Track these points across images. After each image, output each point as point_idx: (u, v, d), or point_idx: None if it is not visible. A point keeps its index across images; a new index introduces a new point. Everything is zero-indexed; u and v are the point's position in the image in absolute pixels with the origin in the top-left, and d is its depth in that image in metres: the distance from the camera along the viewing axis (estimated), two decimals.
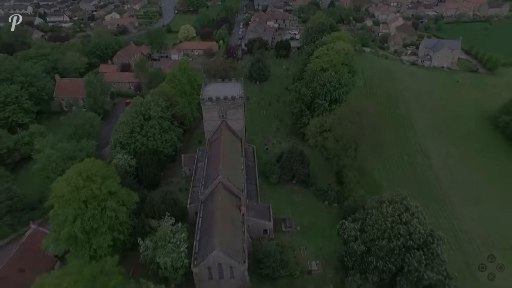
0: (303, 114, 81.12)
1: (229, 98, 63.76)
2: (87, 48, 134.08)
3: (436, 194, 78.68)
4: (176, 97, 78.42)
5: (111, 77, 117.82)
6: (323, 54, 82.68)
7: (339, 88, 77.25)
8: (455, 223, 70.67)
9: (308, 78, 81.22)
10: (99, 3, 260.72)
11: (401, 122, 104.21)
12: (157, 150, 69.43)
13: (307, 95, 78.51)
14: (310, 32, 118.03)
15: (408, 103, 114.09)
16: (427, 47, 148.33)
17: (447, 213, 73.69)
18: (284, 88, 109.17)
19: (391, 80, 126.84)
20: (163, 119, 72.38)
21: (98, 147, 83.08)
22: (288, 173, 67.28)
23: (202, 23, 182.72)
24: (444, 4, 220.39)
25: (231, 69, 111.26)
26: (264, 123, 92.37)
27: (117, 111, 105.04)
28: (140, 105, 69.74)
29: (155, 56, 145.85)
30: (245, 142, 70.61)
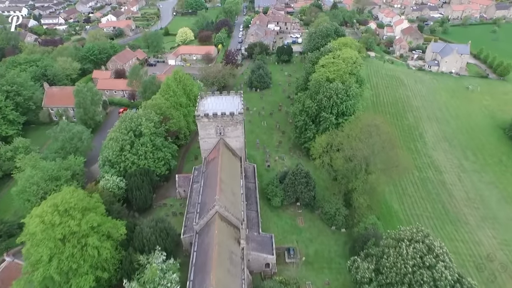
0: (308, 128, 75.31)
1: (227, 115, 58.04)
2: (80, 53, 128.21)
3: (450, 213, 72.97)
4: (171, 110, 72.72)
5: (104, 84, 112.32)
6: (329, 63, 76.94)
7: (347, 101, 71.48)
8: (473, 248, 64.81)
9: (313, 89, 75.44)
10: (96, 4, 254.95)
11: (409, 132, 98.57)
12: (148, 170, 63.70)
13: (312, 107, 72.75)
14: (313, 37, 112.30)
15: (416, 112, 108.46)
16: (434, 52, 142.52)
17: (463, 236, 67.89)
18: (287, 97, 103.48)
19: (398, 87, 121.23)
20: (156, 135, 66.69)
21: (87, 163, 77.49)
22: (292, 196, 61.55)
23: (200, 26, 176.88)
24: (450, 6, 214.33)
25: (230, 76, 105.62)
26: (265, 135, 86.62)
27: (109, 121, 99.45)
28: (130, 121, 64.02)
29: (152, 61, 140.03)
30: (244, 161, 64.89)
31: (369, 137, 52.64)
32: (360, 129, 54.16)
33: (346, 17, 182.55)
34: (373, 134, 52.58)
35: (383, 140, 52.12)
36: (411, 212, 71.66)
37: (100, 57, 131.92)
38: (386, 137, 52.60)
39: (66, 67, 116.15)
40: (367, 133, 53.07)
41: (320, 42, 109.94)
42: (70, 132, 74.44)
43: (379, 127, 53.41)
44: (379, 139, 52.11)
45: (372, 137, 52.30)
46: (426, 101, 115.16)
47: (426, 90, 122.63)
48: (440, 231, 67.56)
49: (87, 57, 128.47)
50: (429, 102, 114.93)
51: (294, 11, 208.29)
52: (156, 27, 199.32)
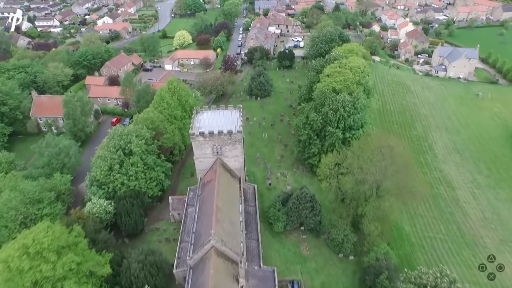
0: (312, 142, 69.96)
1: (225, 133, 52.74)
2: (72, 58, 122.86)
3: (466, 236, 67.54)
4: (164, 124, 67.43)
5: (97, 91, 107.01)
6: (335, 72, 71.59)
7: (354, 114, 66.15)
8: (498, 283, 59.12)
9: (317, 100, 70.13)
10: (93, 6, 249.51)
11: (418, 144, 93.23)
12: (139, 192, 58.39)
13: (317, 121, 67.40)
14: (316, 42, 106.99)
15: (424, 121, 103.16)
16: (441, 56, 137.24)
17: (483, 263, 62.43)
18: (288, 106, 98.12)
19: (404, 94, 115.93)
20: (148, 153, 61.41)
21: (76, 180, 72.34)
22: (296, 221, 56.28)
23: (199, 29, 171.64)
24: (455, 8, 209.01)
25: (229, 84, 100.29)
26: (267, 148, 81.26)
27: (102, 132, 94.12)
28: (119, 138, 58.67)
29: (148, 66, 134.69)
30: (244, 182, 59.58)
31: (381, 160, 47.36)
32: (372, 150, 48.83)
33: (349, 20, 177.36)
34: (386, 156, 47.31)
35: (398, 164, 46.83)
36: (423, 234, 66.31)
37: (94, 62, 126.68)
38: (401, 161, 47.31)
39: (58, 73, 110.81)
40: (380, 155, 47.77)
41: (323, 48, 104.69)
42: (56, 147, 69.13)
43: (392, 149, 48.11)
44: (393, 163, 46.84)
45: (385, 160, 47.02)
46: (434, 109, 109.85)
47: (434, 97, 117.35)
48: (456, 257, 62.25)
49: (80, 62, 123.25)
50: (438, 110, 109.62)
51: (295, 13, 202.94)
52: (153, 30, 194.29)
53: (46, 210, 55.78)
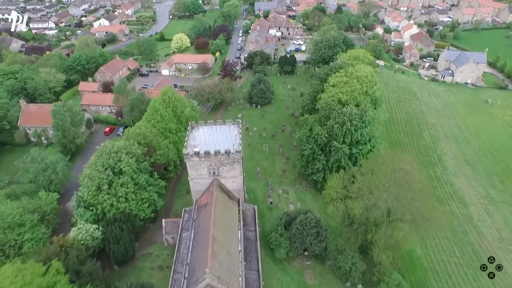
0: (316, 157, 65.38)
1: (222, 153, 48.13)
2: (65, 63, 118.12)
3: (483, 259, 62.79)
4: (158, 138, 62.83)
5: (90, 99, 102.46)
6: (340, 82, 66.94)
7: (362, 128, 61.52)
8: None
9: (322, 112, 65.52)
10: (90, 7, 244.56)
11: (427, 155, 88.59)
12: (130, 215, 53.81)
13: (322, 135, 62.77)
14: (319, 47, 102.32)
15: (432, 130, 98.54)
16: (448, 60, 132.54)
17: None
18: (290, 114, 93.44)
19: (411, 101, 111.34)
20: (140, 171, 56.86)
21: (64, 197, 67.82)
22: (300, 247, 51.73)
23: (197, 31, 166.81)
24: (460, 9, 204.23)
25: (228, 91, 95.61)
26: (267, 162, 76.63)
27: (94, 142, 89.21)
28: (107, 156, 54.08)
29: (144, 71, 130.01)
30: (243, 203, 54.97)
31: (395, 185, 42.75)
32: (384, 174, 44.23)
33: (352, 22, 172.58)
34: (400, 182, 42.70)
35: (415, 191, 42.24)
36: (436, 257, 61.63)
37: (88, 67, 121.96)
38: (418, 188, 42.72)
39: (49, 79, 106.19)
40: (393, 180, 43.17)
41: (327, 53, 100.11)
42: (42, 163, 64.60)
43: (408, 173, 43.51)
44: (409, 189, 42.25)
45: (400, 186, 42.43)
46: (442, 117, 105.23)
47: (442, 104, 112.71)
48: (473, 283, 57.64)
49: (73, 67, 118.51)
50: (446, 118, 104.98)
51: (296, 15, 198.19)
52: (151, 32, 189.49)
53: (28, 235, 51.34)
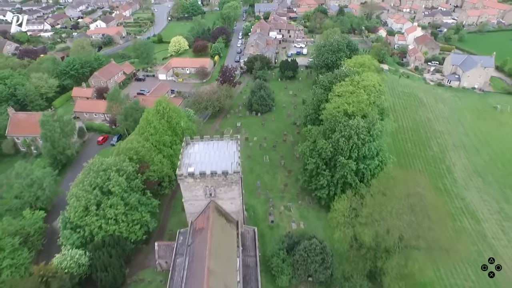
0: (320, 172, 61.28)
1: (219, 174, 44.00)
2: (59, 67, 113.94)
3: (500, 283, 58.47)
4: (151, 153, 58.68)
5: (83, 106, 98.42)
6: (346, 92, 62.78)
7: (370, 142, 57.39)
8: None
9: (327, 125, 61.44)
10: (87, 8, 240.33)
11: (435, 166, 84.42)
12: (120, 239, 49.67)
13: (327, 149, 58.65)
14: (322, 52, 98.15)
15: (440, 139, 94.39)
16: (454, 64, 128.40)
17: None
18: (292, 123, 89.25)
19: (417, 107, 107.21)
20: (131, 190, 52.72)
21: (52, 214, 63.69)
22: (303, 274, 47.63)
23: (196, 34, 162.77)
24: (464, 11, 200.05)
25: (227, 98, 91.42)
26: (268, 175, 72.45)
27: (86, 152, 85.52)
28: (95, 175, 49.95)
29: (140, 76, 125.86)
30: (242, 225, 50.83)
31: (410, 212, 38.63)
32: (398, 199, 40.08)
33: (354, 24, 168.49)
34: (416, 209, 38.57)
35: (432, 220, 38.13)
36: (449, 281, 57.46)
37: (82, 72, 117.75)
38: (435, 216, 38.60)
39: (41, 85, 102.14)
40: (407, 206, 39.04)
41: (330, 58, 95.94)
42: (28, 178, 60.49)
43: (423, 199, 39.38)
44: (425, 217, 38.13)
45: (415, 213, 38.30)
46: (450, 125, 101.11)
47: (449, 110, 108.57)
48: None
49: (66, 72, 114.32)
50: (454, 125, 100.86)
51: (297, 17, 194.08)
52: (149, 34, 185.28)
53: (7, 261, 47.31)
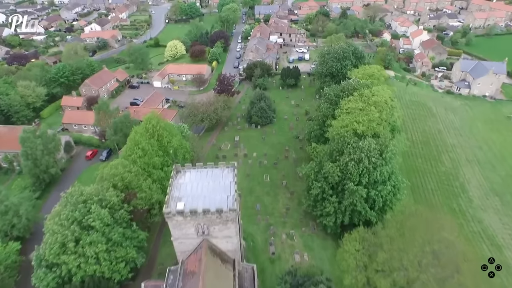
0: (326, 198, 55.46)
1: (212, 212, 38.09)
2: (48, 74, 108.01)
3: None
4: (139, 178, 52.76)
5: (71, 117, 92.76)
6: (356, 109, 56.85)
7: (382, 166, 51.50)
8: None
9: (334, 145, 55.53)
10: (83, 10, 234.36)
11: (448, 183, 78.45)
12: (101, 280, 43.75)
13: (334, 174, 52.77)
14: (326, 59, 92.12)
15: (452, 153, 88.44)
16: (463, 71, 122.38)
17: None
18: (294, 137, 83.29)
19: (426, 118, 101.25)
20: (115, 222, 46.83)
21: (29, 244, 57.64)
22: None
23: (193, 37, 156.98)
24: (471, 14, 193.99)
25: (224, 109, 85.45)
26: (269, 197, 66.56)
27: (74, 169, 79.98)
28: (73, 207, 44.03)
29: (134, 83, 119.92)
30: (240, 263, 44.90)
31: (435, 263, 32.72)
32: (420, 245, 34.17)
33: (358, 27, 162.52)
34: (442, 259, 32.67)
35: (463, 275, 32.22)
36: None
37: (73, 79, 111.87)
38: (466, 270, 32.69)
39: (27, 94, 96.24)
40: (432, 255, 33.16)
41: (335, 66, 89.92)
42: (2, 205, 54.62)
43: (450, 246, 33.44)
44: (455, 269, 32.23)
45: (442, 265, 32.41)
46: (461, 137, 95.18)
47: (460, 121, 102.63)
48: None
49: (56, 79, 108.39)
50: (466, 137, 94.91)
51: (298, 19, 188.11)
52: (145, 37, 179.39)
53: None
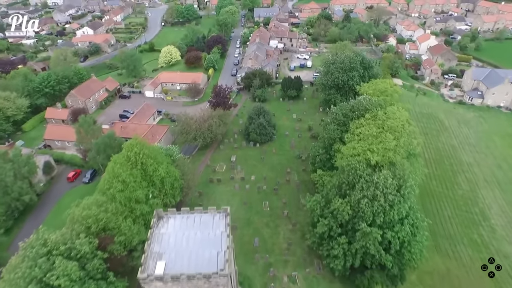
0: (334, 237, 48.21)
1: (198, 277, 30.72)
2: (31, 83, 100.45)
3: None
4: (118, 218, 45.31)
5: (54, 132, 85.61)
6: (369, 135, 49.44)
7: (400, 204, 44.14)
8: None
9: (344, 178, 48.17)
10: (77, 12, 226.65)
11: (467, 210, 71.10)
12: None
13: (344, 212, 45.45)
14: (331, 70, 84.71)
15: (468, 173, 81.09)
16: (476, 79, 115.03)
17: None
18: (297, 157, 75.76)
19: (439, 133, 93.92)
20: (87, 275, 39.37)
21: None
22: None
23: (189, 42, 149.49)
24: (479, 16, 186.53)
25: (220, 125, 77.90)
26: (268, 229, 59.22)
27: (54, 191, 72.59)
28: (32, 263, 36.58)
29: (125, 92, 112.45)
30: None
31: None
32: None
33: (362, 31, 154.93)
34: None
35: None
36: None
37: (59, 89, 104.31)
38: None
39: (7, 107, 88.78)
40: None
41: (341, 78, 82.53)
42: None
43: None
44: None
45: None
46: (478, 154, 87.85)
47: (474, 135, 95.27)
48: None
49: (40, 89, 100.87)
50: (482, 155, 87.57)
51: (300, 23, 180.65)
52: (140, 41, 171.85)
53: None
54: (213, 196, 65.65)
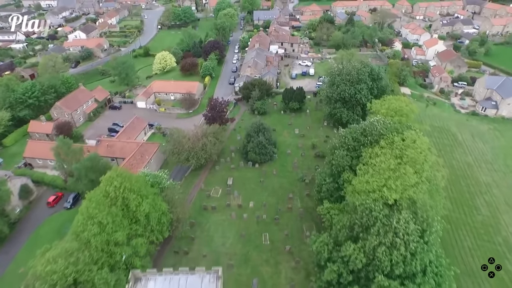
0: (343, 283, 41.45)
1: None
2: (13, 94, 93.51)
3: None
4: (91, 268, 38.41)
5: (35, 150, 78.58)
6: (386, 169, 42.53)
7: (423, 253, 37.35)
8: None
9: (356, 219, 41.29)
10: (71, 15, 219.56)
11: (489, 240, 63.91)
12: None
13: (357, 260, 38.66)
14: (337, 82, 77.86)
15: (487, 195, 74.07)
16: (489, 88, 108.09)
17: None
18: (300, 179, 68.70)
19: (452, 148, 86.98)
20: None
21: None
22: None
23: (185, 47, 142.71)
24: (487, 19, 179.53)
25: (215, 144, 70.90)
26: (268, 267, 52.36)
27: (32, 218, 65.71)
28: None
29: (116, 103, 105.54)
30: None
31: None
32: None
33: (366, 35, 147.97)
34: None
35: None
36: None
37: (45, 99, 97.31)
38: None
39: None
40: None
41: (347, 91, 75.70)
42: None
43: None
44: None
45: None
46: (496, 173, 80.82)
47: (491, 151, 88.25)
48: None
49: (24, 101, 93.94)
50: (501, 174, 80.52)
51: (301, 26, 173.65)
52: (134, 45, 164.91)
53: None
54: (206, 226, 58.83)
